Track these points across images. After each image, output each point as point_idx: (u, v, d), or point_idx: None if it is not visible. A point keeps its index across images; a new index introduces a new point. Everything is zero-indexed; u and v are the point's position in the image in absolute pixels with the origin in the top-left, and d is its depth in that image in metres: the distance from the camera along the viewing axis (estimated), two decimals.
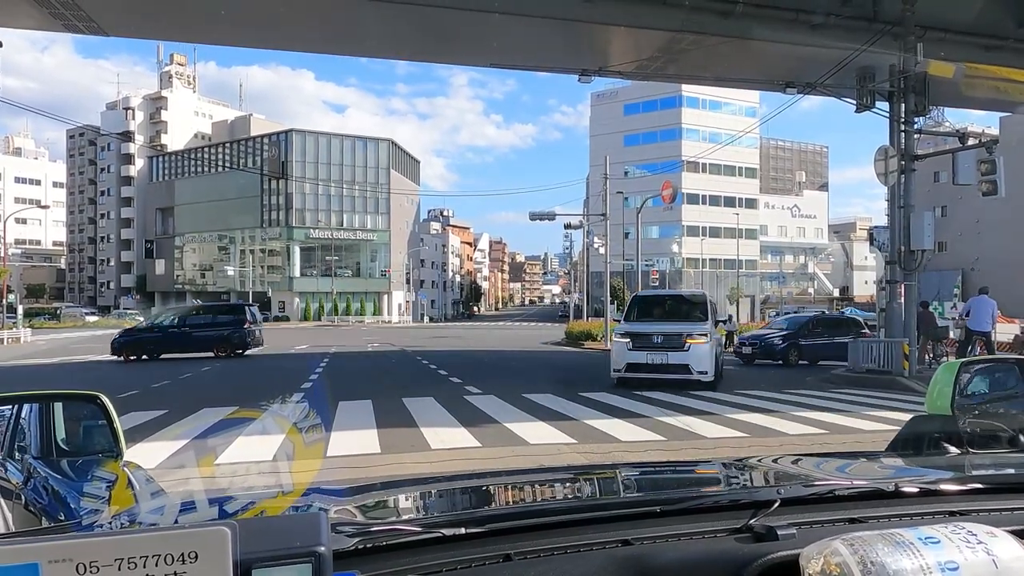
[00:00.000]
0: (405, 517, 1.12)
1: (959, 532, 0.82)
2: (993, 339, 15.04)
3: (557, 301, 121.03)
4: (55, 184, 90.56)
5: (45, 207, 67.23)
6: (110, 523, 1.17)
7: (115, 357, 20.01)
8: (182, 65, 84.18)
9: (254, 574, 0.61)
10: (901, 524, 0.94)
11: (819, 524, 0.99)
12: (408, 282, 69.54)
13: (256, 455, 4.52)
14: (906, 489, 1.10)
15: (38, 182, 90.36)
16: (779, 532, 0.94)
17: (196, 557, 0.58)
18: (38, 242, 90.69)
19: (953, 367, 1.84)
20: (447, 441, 7.28)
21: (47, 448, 1.99)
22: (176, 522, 0.97)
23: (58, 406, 2.03)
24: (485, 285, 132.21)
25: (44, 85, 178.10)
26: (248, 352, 21.58)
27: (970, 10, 13.31)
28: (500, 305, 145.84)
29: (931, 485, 1.15)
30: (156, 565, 0.57)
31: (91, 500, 1.62)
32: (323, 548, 0.63)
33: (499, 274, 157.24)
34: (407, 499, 1.29)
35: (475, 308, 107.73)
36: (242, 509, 1.03)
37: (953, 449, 1.60)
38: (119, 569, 0.56)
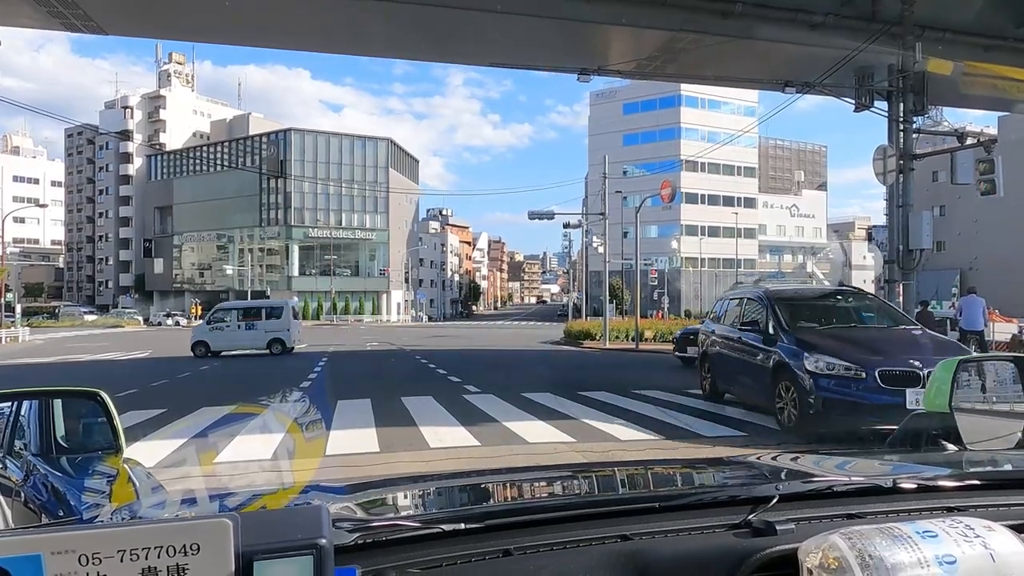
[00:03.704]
0: (405, 513, 1.12)
1: (957, 526, 0.82)
2: (986, 337, 15.09)
3: (556, 301, 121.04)
4: (53, 183, 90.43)
5: (43, 206, 67.21)
6: (111, 518, 1.17)
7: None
8: (180, 64, 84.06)
9: (256, 566, 0.61)
10: (899, 519, 0.95)
11: (817, 520, 0.99)
12: (407, 281, 69.56)
13: (256, 452, 4.52)
14: (904, 485, 1.10)
15: (36, 181, 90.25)
16: (777, 527, 0.94)
17: (198, 549, 0.58)
18: (36, 241, 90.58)
19: (951, 365, 1.85)
20: (446, 440, 7.29)
21: (47, 445, 1.99)
22: (177, 516, 0.98)
23: (57, 403, 2.03)
24: (484, 284, 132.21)
25: (41, 85, 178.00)
26: None
27: (969, 10, 13.32)
28: (499, 304, 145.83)
29: (929, 481, 1.15)
30: (158, 557, 0.57)
31: (92, 495, 1.62)
32: (324, 541, 0.63)
33: (498, 273, 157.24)
34: (406, 496, 1.29)
35: (474, 307, 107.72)
36: (242, 504, 1.04)
37: (951, 446, 1.61)
38: (121, 561, 0.56)
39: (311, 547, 0.62)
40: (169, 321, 58.34)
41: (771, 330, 8.09)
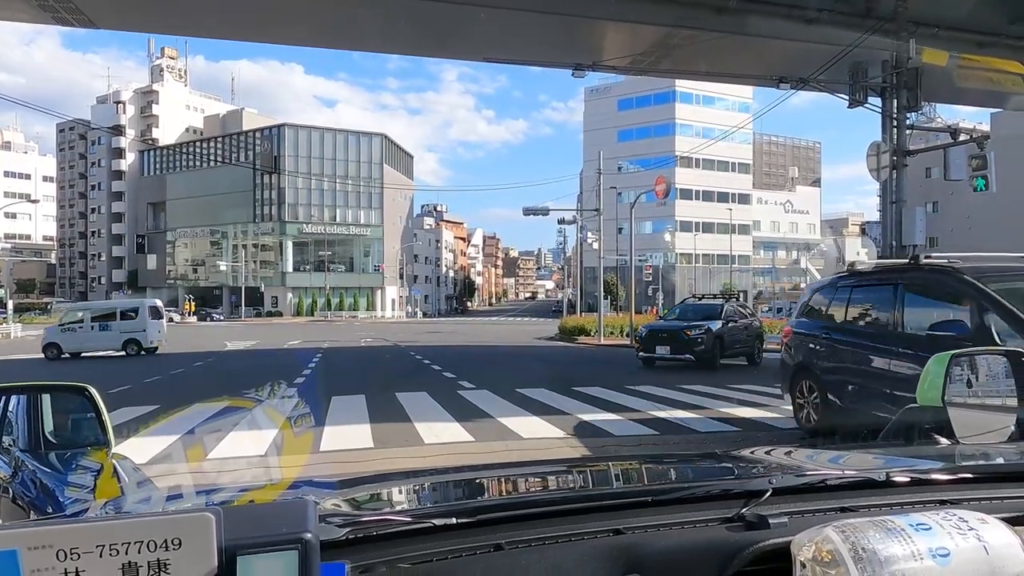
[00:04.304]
0: (395, 508, 1.11)
1: (950, 519, 0.82)
2: None
3: (551, 297, 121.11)
4: (45, 178, 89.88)
5: (35, 202, 66.69)
6: (97, 513, 1.16)
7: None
8: (173, 59, 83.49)
9: (239, 561, 0.59)
10: (892, 513, 0.94)
11: (811, 513, 0.99)
12: (401, 277, 69.46)
13: (245, 448, 4.47)
14: (897, 478, 1.10)
15: (28, 176, 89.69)
16: (771, 521, 0.93)
17: (180, 544, 0.57)
18: (28, 237, 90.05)
19: (944, 359, 1.85)
20: (440, 436, 7.29)
21: (35, 441, 1.97)
22: (162, 511, 0.96)
23: (46, 398, 2.01)
24: (479, 280, 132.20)
25: (32, 79, 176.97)
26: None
27: (963, 6, 13.36)
28: (494, 300, 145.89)
29: (922, 474, 1.15)
30: (139, 552, 0.56)
31: (76, 491, 1.61)
32: (310, 535, 0.62)
33: (493, 269, 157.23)
34: (398, 491, 1.28)
35: (469, 303, 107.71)
36: (229, 499, 1.02)
37: (944, 439, 1.61)
38: (100, 556, 0.55)
39: (296, 541, 0.61)
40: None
41: (998, 337, 5.18)
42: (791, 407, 7.51)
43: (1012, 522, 0.86)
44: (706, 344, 14.54)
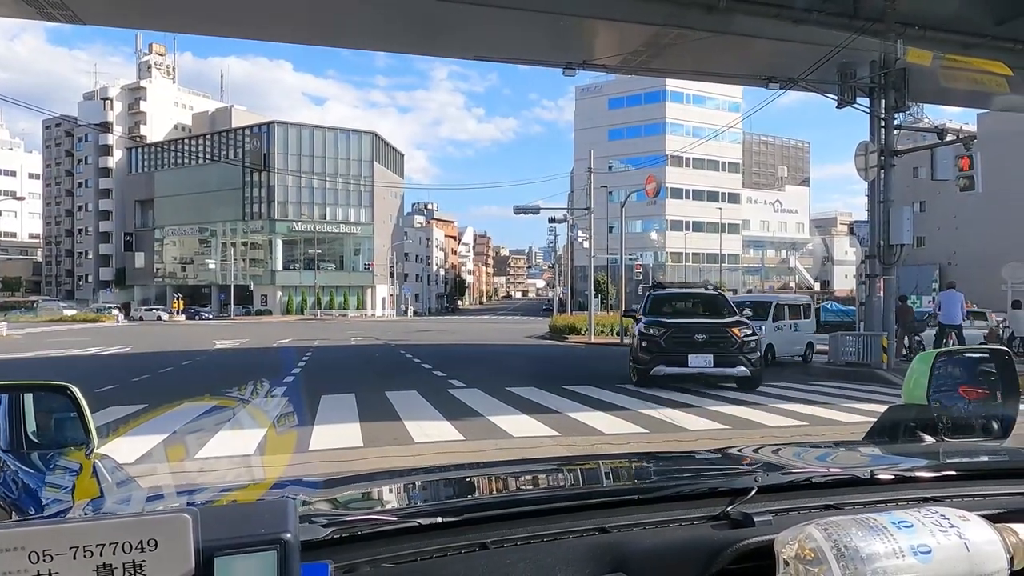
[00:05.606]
0: (381, 507, 1.11)
1: (932, 516, 0.82)
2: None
3: (542, 295, 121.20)
4: (31, 175, 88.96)
5: (20, 199, 66.14)
6: (76, 514, 1.15)
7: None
8: (161, 55, 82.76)
9: (216, 562, 0.59)
10: (876, 510, 0.95)
11: (795, 511, 0.99)
12: (392, 276, 69.28)
13: (229, 447, 4.42)
14: (882, 476, 1.11)
15: (13, 173, 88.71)
16: (756, 519, 0.94)
17: (155, 545, 0.56)
18: (14, 234, 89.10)
19: (929, 357, 1.86)
20: (430, 435, 7.27)
21: (17, 441, 1.95)
22: (141, 512, 0.95)
23: (28, 398, 1.99)
24: (469, 279, 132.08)
25: (16, 75, 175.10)
26: None
27: (950, 7, 13.47)
28: (484, 299, 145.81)
29: (906, 472, 1.16)
30: (113, 553, 0.55)
31: (55, 491, 1.60)
32: (289, 535, 0.61)
33: (483, 268, 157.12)
34: (383, 490, 1.28)
35: (459, 302, 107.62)
36: (211, 500, 1.01)
37: (928, 438, 1.62)
38: (74, 558, 0.54)
39: (275, 542, 0.60)
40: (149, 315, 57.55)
41: None
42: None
43: (993, 519, 0.86)
44: (759, 350, 11.02)
